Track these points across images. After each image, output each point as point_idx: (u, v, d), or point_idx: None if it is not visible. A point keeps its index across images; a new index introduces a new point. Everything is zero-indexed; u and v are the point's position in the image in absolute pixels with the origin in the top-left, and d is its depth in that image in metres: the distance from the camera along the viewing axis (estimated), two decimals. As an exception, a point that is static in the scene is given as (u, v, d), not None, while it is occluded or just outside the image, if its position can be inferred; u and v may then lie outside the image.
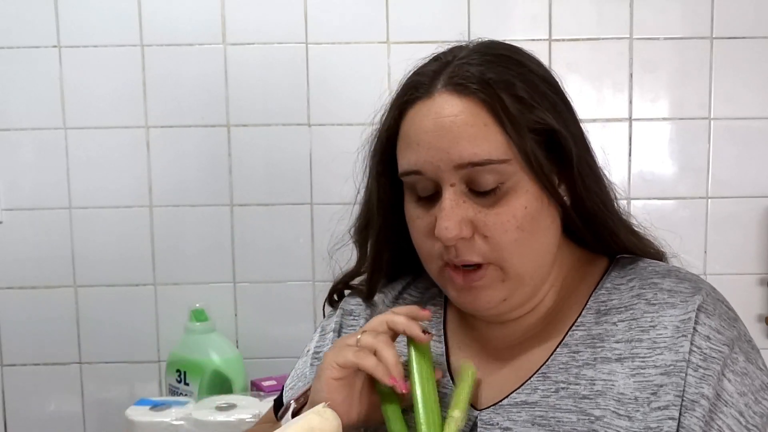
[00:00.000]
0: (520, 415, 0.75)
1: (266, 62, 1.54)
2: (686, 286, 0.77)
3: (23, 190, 1.56)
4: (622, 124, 1.56)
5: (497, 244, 0.75)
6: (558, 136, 0.75)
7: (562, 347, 0.78)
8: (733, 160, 1.56)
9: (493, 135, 0.73)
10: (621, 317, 0.77)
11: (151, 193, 1.56)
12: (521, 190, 0.75)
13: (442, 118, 0.75)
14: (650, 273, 0.80)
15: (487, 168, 0.73)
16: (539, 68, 0.79)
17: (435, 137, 0.75)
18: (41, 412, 1.60)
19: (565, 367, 0.77)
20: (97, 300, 1.58)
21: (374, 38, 1.53)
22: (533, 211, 0.75)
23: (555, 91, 0.79)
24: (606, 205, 0.81)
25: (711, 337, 0.73)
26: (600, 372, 0.75)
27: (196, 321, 1.48)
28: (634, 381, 0.73)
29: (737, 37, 1.54)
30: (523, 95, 0.75)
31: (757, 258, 1.57)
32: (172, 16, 1.53)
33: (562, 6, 1.53)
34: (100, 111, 1.54)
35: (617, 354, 0.75)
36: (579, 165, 0.77)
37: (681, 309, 0.75)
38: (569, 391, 0.75)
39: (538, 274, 0.79)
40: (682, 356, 0.72)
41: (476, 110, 0.74)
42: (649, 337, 0.75)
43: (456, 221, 0.74)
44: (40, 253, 1.56)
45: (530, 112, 0.74)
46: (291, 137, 1.55)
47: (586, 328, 0.78)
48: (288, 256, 1.57)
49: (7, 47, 1.53)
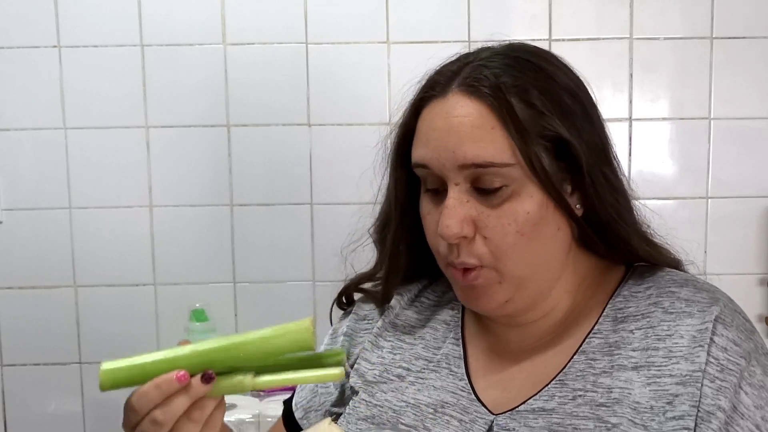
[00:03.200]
0: (537, 421, 0.75)
1: (266, 62, 1.54)
2: (704, 296, 0.77)
3: (23, 190, 1.56)
4: (622, 124, 1.56)
5: (496, 246, 0.75)
6: (569, 145, 0.75)
7: (579, 354, 0.78)
8: (733, 160, 1.56)
9: (499, 139, 0.74)
10: (638, 325, 0.77)
11: (151, 193, 1.56)
12: (525, 194, 0.75)
13: (451, 118, 0.75)
14: (667, 282, 0.80)
15: (491, 170, 0.74)
16: (563, 75, 0.79)
17: (443, 136, 0.76)
18: (41, 412, 1.60)
19: (582, 375, 0.76)
20: (97, 300, 1.58)
21: (374, 38, 1.53)
22: (535, 217, 0.75)
23: (576, 100, 0.78)
24: (622, 215, 0.80)
25: (728, 348, 0.73)
26: (617, 380, 0.74)
27: (196, 321, 1.48)
28: (649, 390, 0.73)
29: (737, 37, 1.54)
30: (536, 102, 0.75)
31: (757, 258, 1.57)
32: (172, 16, 1.53)
33: (562, 6, 1.53)
34: (100, 111, 1.54)
35: (633, 362, 0.75)
36: (591, 174, 0.77)
37: (698, 318, 0.74)
38: (586, 398, 0.75)
39: (539, 279, 0.78)
40: (698, 366, 0.72)
41: (485, 113, 0.74)
42: (665, 346, 0.74)
43: (458, 220, 0.74)
44: (40, 253, 1.57)
45: (541, 119, 0.74)
46: (291, 137, 1.55)
47: (603, 336, 0.78)
48: (288, 256, 1.57)
49: (7, 47, 1.53)
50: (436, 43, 1.52)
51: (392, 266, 0.90)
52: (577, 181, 0.77)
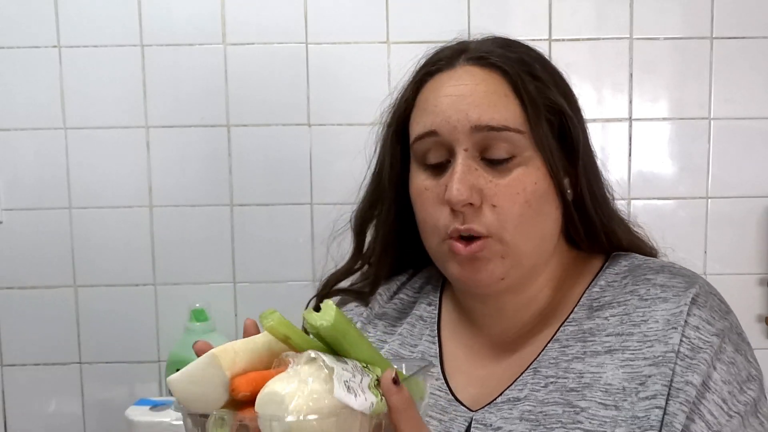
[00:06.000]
0: (511, 412, 0.75)
1: (266, 62, 1.54)
2: (679, 281, 0.77)
3: (23, 190, 1.56)
4: (622, 124, 1.56)
5: (504, 214, 0.75)
6: (569, 122, 0.78)
7: (553, 342, 0.79)
8: (733, 160, 1.56)
9: (512, 106, 0.76)
10: (613, 312, 0.78)
11: (151, 193, 1.56)
12: (532, 166, 0.76)
13: (462, 86, 0.77)
14: (644, 269, 0.80)
15: (503, 135, 0.75)
16: (550, 62, 0.83)
17: (455, 100, 0.77)
18: (41, 412, 1.60)
19: (555, 362, 0.77)
20: (97, 300, 1.58)
21: (374, 38, 1.53)
22: (541, 190, 0.77)
23: (565, 84, 0.82)
24: (606, 203, 0.83)
25: (700, 327, 0.73)
26: (589, 365, 0.75)
27: (196, 321, 1.48)
28: (623, 372, 0.73)
29: (737, 37, 1.54)
30: (541, 76, 0.78)
31: (757, 258, 1.57)
32: (172, 16, 1.53)
33: (562, 6, 1.53)
34: (100, 111, 1.54)
35: (607, 346, 0.75)
36: (584, 157, 0.79)
37: (673, 303, 0.75)
38: (557, 384, 0.75)
39: (535, 256, 0.79)
40: (671, 347, 0.73)
41: (498, 80, 0.77)
42: (640, 331, 0.75)
43: (467, 185, 0.74)
44: (40, 253, 1.56)
45: (547, 91, 0.77)
46: (291, 137, 1.55)
47: (577, 324, 0.79)
48: (288, 256, 1.57)
49: (7, 47, 1.53)
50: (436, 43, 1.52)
51: (385, 248, 0.90)
52: (569, 165, 0.79)
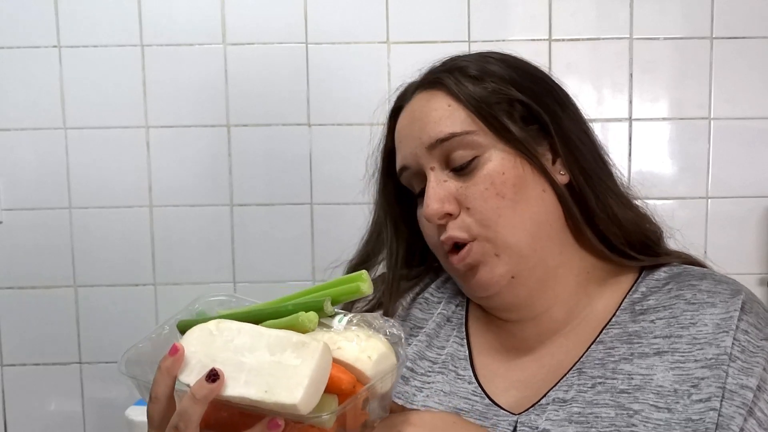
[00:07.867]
0: (557, 413, 0.74)
1: (266, 62, 1.54)
2: (724, 287, 0.78)
3: (23, 190, 1.56)
4: (622, 124, 1.56)
5: (480, 213, 0.77)
6: (528, 108, 0.79)
7: (596, 344, 0.78)
8: (733, 160, 1.56)
9: (456, 113, 0.79)
10: (659, 315, 0.78)
11: (151, 193, 1.56)
12: (496, 158, 0.78)
13: (413, 112, 0.82)
14: (687, 276, 0.81)
15: (454, 142, 0.78)
16: (514, 57, 0.84)
17: (409, 129, 0.82)
18: (41, 412, 1.60)
19: (601, 363, 0.76)
20: (97, 300, 1.58)
21: (374, 38, 1.53)
22: (513, 178, 0.77)
23: (531, 75, 0.83)
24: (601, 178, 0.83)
25: (749, 331, 0.74)
26: (638, 366, 0.75)
27: (196, 321, 1.48)
28: (673, 374, 0.73)
29: (737, 37, 1.54)
30: (474, 73, 0.80)
31: (757, 258, 1.57)
32: (172, 16, 1.53)
33: (562, 6, 1.53)
34: (100, 111, 1.54)
35: (656, 348, 0.75)
36: (562, 134, 0.80)
37: (721, 308, 0.76)
38: (606, 385, 0.74)
39: (534, 243, 0.78)
40: (723, 350, 0.73)
41: (440, 96, 0.80)
42: (689, 334, 0.75)
43: (438, 198, 0.77)
44: (40, 253, 1.56)
45: (496, 84, 0.79)
46: (291, 137, 1.55)
47: (621, 327, 0.79)
48: (288, 256, 1.57)
49: (7, 47, 1.53)
50: (436, 43, 1.53)
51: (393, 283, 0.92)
52: (554, 146, 0.81)
